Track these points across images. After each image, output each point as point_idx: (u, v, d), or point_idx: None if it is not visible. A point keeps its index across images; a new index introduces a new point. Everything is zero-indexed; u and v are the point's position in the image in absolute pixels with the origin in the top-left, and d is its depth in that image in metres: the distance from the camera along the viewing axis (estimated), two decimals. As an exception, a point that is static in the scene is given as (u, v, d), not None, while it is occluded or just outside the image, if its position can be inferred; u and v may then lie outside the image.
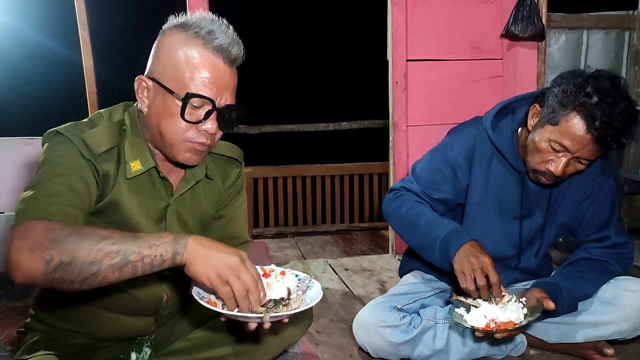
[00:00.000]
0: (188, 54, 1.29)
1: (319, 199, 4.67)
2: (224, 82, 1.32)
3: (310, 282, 1.39)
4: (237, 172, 1.64)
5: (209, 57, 1.29)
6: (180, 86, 1.29)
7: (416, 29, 3.18)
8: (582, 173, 1.90)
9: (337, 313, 2.50)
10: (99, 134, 1.33)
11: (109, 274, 1.12)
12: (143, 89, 1.35)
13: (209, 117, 1.32)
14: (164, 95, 1.31)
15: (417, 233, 1.91)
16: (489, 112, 1.97)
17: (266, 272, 1.40)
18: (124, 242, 1.13)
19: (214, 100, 1.31)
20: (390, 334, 1.91)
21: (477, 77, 3.29)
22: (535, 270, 2.08)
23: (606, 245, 1.97)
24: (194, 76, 1.28)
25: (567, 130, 1.68)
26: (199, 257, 1.17)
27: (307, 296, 1.35)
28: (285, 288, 1.35)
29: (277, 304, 1.28)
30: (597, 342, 1.94)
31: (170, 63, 1.30)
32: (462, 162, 1.95)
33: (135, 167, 1.38)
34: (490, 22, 3.26)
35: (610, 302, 1.90)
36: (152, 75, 1.33)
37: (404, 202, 1.96)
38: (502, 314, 1.72)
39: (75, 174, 1.27)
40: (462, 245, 1.79)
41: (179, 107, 1.29)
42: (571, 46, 3.37)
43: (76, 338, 1.48)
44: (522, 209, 1.96)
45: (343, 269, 3.15)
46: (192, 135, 1.33)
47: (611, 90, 1.64)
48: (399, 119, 3.23)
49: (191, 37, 1.30)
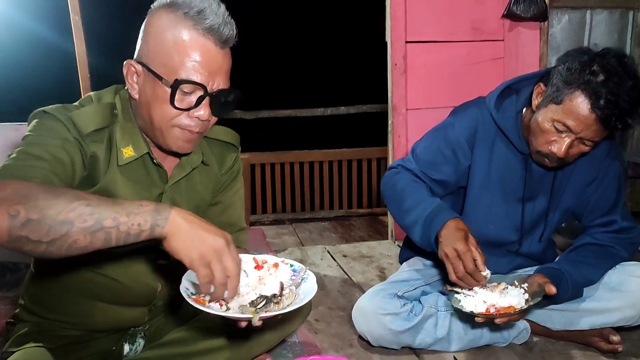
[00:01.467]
0: (177, 36, 1.22)
1: (317, 185, 4.63)
2: (215, 66, 1.25)
3: (306, 273, 1.31)
4: (233, 157, 1.58)
5: (199, 39, 1.22)
6: (169, 72, 1.22)
7: (415, 10, 3.10)
8: (588, 156, 1.85)
9: (336, 301, 2.46)
10: (88, 113, 1.27)
11: (80, 238, 1.02)
12: (132, 74, 1.29)
13: (201, 103, 1.26)
14: (153, 81, 1.25)
15: (404, 211, 1.85)
16: (493, 92, 1.92)
17: (259, 264, 1.32)
18: (100, 206, 1.04)
19: (206, 85, 1.24)
20: (391, 321, 1.87)
21: (478, 59, 3.22)
22: (539, 256, 2.04)
23: (611, 230, 1.93)
24: (184, 60, 1.22)
25: (570, 110, 1.62)
26: (182, 233, 1.08)
27: (300, 290, 1.27)
28: (278, 282, 1.28)
29: (268, 301, 1.21)
30: (602, 329, 1.91)
31: (159, 47, 1.24)
32: (463, 143, 1.90)
33: (128, 154, 1.32)
34: (491, 2, 3.18)
35: (617, 288, 1.87)
36: (141, 60, 1.27)
37: (399, 180, 1.91)
38: (503, 299, 1.69)
39: (61, 147, 1.20)
40: (445, 224, 1.71)
41: (169, 94, 1.23)
42: (574, 26, 3.30)
43: (67, 329, 1.43)
44: (525, 192, 1.91)
45: (342, 256, 3.10)
46: (183, 121, 1.27)
47: (618, 68, 1.59)
48: (398, 102, 3.16)
49: (180, 18, 1.23)
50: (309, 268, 2.88)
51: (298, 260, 3.00)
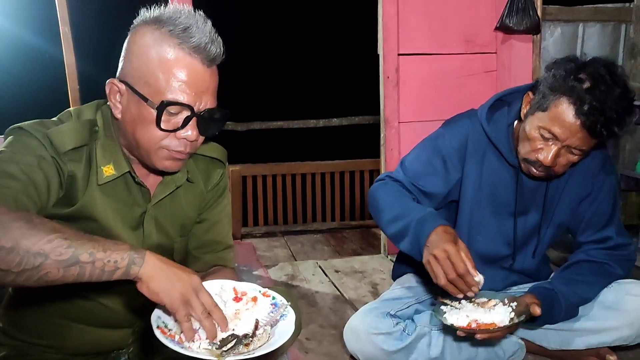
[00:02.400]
0: (162, 55, 1.17)
1: (309, 197, 4.60)
2: (202, 85, 1.20)
3: (286, 310, 1.25)
4: (220, 174, 1.53)
5: (186, 58, 1.18)
6: (154, 93, 1.18)
7: (408, 22, 3.09)
8: (582, 170, 1.84)
9: (328, 318, 2.42)
10: (66, 131, 1.22)
11: (52, 271, 0.98)
12: (115, 93, 1.23)
13: (188, 124, 1.21)
14: (137, 102, 1.20)
15: (391, 220, 1.79)
16: (484, 104, 1.90)
17: (238, 296, 1.27)
18: (78, 240, 1.01)
19: (193, 105, 1.19)
20: (383, 341, 1.83)
21: (470, 71, 3.21)
22: (533, 272, 2.01)
23: (607, 247, 1.90)
24: (170, 81, 1.17)
25: (555, 116, 1.60)
26: (160, 274, 1.06)
27: (277, 330, 1.20)
28: (254, 319, 1.22)
29: (237, 342, 1.15)
30: (599, 349, 1.88)
31: (143, 66, 1.19)
32: (453, 154, 1.87)
33: (108, 172, 1.27)
34: (484, 14, 3.18)
35: (613, 307, 1.83)
36: (125, 79, 1.22)
37: (387, 190, 1.87)
38: (487, 316, 1.66)
39: (37, 166, 1.15)
40: (434, 230, 1.64)
41: (154, 115, 1.18)
42: (567, 39, 3.31)
43: (47, 353, 1.39)
44: (516, 206, 1.88)
45: (334, 271, 3.07)
46: (170, 143, 1.23)
47: (606, 77, 1.57)
48: (391, 115, 3.14)
49: (165, 36, 1.18)
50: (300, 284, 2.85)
51: (289, 276, 2.98)
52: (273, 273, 3.06)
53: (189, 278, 1.08)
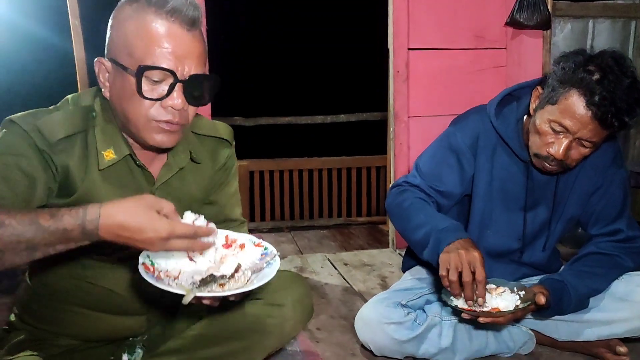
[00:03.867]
0: (140, 23, 1.17)
1: (316, 192, 4.61)
2: (184, 49, 1.18)
3: (274, 259, 1.25)
4: (227, 154, 1.52)
5: (163, 23, 1.16)
6: (135, 61, 1.17)
7: (418, 17, 3.09)
8: (592, 164, 1.84)
9: (338, 309, 2.42)
10: (57, 120, 1.21)
11: None
12: (104, 72, 1.23)
13: (173, 91, 1.19)
14: (121, 74, 1.19)
15: (415, 228, 1.82)
16: (493, 99, 1.91)
17: (228, 243, 1.26)
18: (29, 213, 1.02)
19: (175, 70, 1.17)
20: (395, 331, 1.83)
21: (480, 66, 3.21)
22: (543, 265, 2.01)
23: (617, 240, 1.90)
24: (149, 47, 1.16)
25: (566, 108, 1.61)
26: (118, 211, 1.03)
27: (259, 276, 1.21)
28: (236, 264, 1.21)
29: (212, 281, 1.16)
30: (609, 340, 1.88)
31: (123, 38, 1.18)
32: (466, 150, 1.88)
33: (109, 157, 1.26)
34: (494, 10, 3.18)
35: (624, 298, 1.83)
36: (109, 55, 1.22)
37: (406, 198, 1.88)
38: (492, 301, 1.69)
39: (15, 165, 1.14)
40: (456, 240, 1.69)
41: (134, 83, 1.17)
42: (577, 35, 3.30)
43: (62, 339, 1.40)
44: (526, 200, 1.89)
45: (342, 264, 3.07)
46: (157, 113, 1.20)
47: (615, 68, 1.58)
48: (400, 110, 3.14)
49: (142, 6, 1.18)
50: (310, 276, 2.86)
51: (298, 268, 2.99)
52: (282, 265, 3.04)
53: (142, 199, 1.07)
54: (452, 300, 1.69)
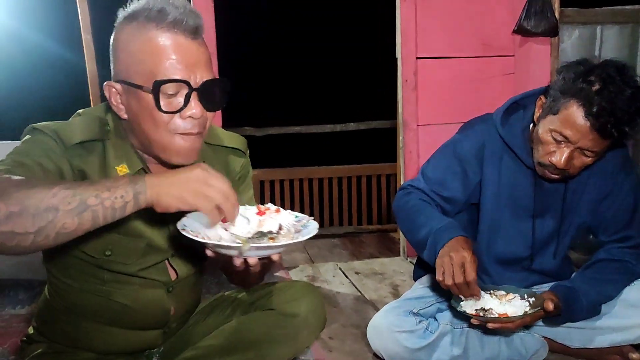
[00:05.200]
0: (144, 40, 1.18)
1: (327, 201, 4.61)
2: (192, 58, 1.20)
3: (308, 222, 1.26)
4: (241, 163, 1.53)
5: (166, 36, 1.17)
6: (147, 78, 1.17)
7: (426, 26, 3.12)
8: (601, 170, 1.85)
9: (350, 318, 2.43)
10: (73, 125, 1.24)
11: (68, 221, 0.99)
12: (114, 95, 1.24)
13: (189, 100, 1.20)
14: (135, 94, 1.20)
15: (416, 229, 1.85)
16: (500, 108, 1.92)
17: (261, 210, 1.28)
18: (80, 187, 1.02)
19: (188, 80, 1.19)
20: (406, 339, 1.85)
21: (488, 74, 3.22)
22: (554, 273, 2.01)
23: (628, 246, 1.90)
24: (158, 62, 1.17)
25: (566, 119, 1.62)
26: (163, 189, 1.06)
27: (299, 234, 1.22)
28: (277, 223, 1.23)
29: (262, 236, 1.18)
30: (621, 347, 1.88)
31: (130, 57, 1.19)
32: (471, 158, 1.89)
33: (122, 172, 1.27)
34: (502, 17, 3.19)
35: (636, 304, 1.84)
36: (118, 78, 1.23)
37: (410, 199, 1.91)
38: (501, 307, 1.71)
39: (46, 155, 1.17)
40: (449, 240, 1.72)
41: (152, 100, 1.18)
42: (584, 42, 3.29)
43: (80, 353, 1.41)
44: (534, 208, 1.89)
45: (354, 273, 3.08)
46: (177, 125, 1.21)
47: (616, 78, 1.59)
48: (409, 118, 3.16)
49: (143, 23, 1.19)
50: (321, 285, 2.86)
51: (310, 277, 3.01)
52: (294, 275, 3.08)
53: (192, 173, 1.09)
54: (461, 306, 1.71)
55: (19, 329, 2.20)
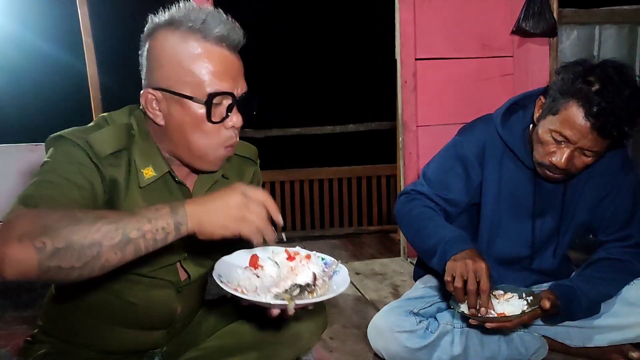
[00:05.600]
0: (192, 52, 1.20)
1: (327, 202, 4.63)
2: (235, 71, 1.25)
3: (337, 267, 1.31)
4: (252, 172, 1.56)
5: (214, 49, 1.21)
6: (196, 89, 1.21)
7: (425, 27, 3.13)
8: (601, 170, 1.86)
9: (350, 318, 2.44)
10: (105, 136, 1.25)
11: (111, 255, 1.02)
12: (151, 101, 1.25)
13: (232, 111, 1.25)
14: (181, 104, 1.22)
15: (424, 237, 1.85)
16: (499, 108, 1.94)
17: (291, 255, 1.31)
18: (122, 220, 1.04)
19: (233, 92, 1.24)
20: (407, 339, 1.85)
21: (487, 75, 3.23)
22: (554, 272, 2.02)
23: (628, 245, 1.91)
24: (207, 74, 1.20)
25: (566, 119, 1.63)
26: (205, 217, 1.09)
27: (333, 282, 1.26)
28: (311, 273, 1.26)
29: (302, 290, 1.20)
30: (621, 346, 1.89)
31: (176, 67, 1.21)
32: (473, 159, 1.90)
33: (149, 174, 1.29)
34: (500, 18, 3.20)
35: (636, 303, 1.84)
36: (159, 85, 1.24)
37: (415, 206, 1.92)
38: (499, 306, 1.71)
39: (79, 172, 1.18)
40: (462, 251, 1.73)
41: (203, 111, 1.22)
42: (583, 42, 3.30)
43: (85, 352, 1.42)
44: (534, 208, 1.90)
45: (354, 273, 3.09)
46: (224, 135, 1.26)
47: (615, 78, 1.60)
48: (409, 119, 3.17)
49: (187, 34, 1.21)
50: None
51: (310, 278, 3.01)
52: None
53: (232, 200, 1.11)
54: (460, 306, 1.72)
55: (21, 331, 2.21)
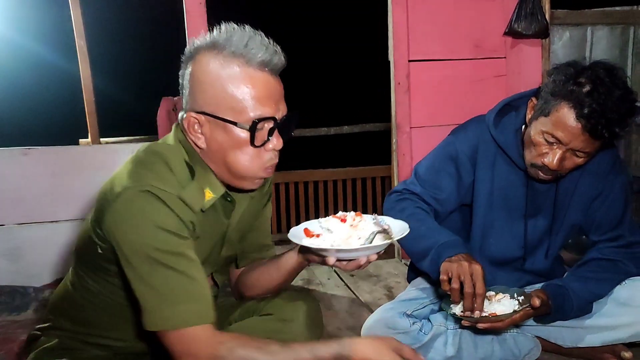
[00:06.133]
0: (234, 77, 1.21)
1: (322, 204, 4.62)
2: (277, 95, 1.26)
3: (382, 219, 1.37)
4: (268, 181, 1.59)
5: (257, 74, 1.22)
6: (239, 114, 1.22)
7: (417, 29, 3.14)
8: (592, 171, 1.86)
9: (345, 321, 2.44)
10: (194, 192, 1.27)
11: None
12: (193, 124, 1.26)
13: (273, 134, 1.26)
14: (224, 128, 1.23)
15: (416, 238, 1.83)
16: (492, 109, 1.94)
17: (343, 218, 1.36)
18: None
19: (276, 116, 1.25)
20: (401, 340, 1.83)
21: (480, 76, 3.25)
22: (546, 272, 2.02)
23: (619, 245, 1.92)
24: (250, 99, 1.21)
25: (557, 121, 1.64)
26: None
27: (393, 227, 1.33)
28: (372, 224, 1.32)
29: (383, 233, 1.28)
30: (614, 346, 1.89)
31: (219, 92, 1.22)
32: (465, 160, 1.91)
33: (208, 197, 1.31)
34: (493, 20, 3.22)
35: (627, 303, 1.85)
36: (202, 109, 1.24)
37: (407, 206, 1.91)
38: (490, 307, 1.72)
39: (185, 245, 1.22)
40: (457, 255, 1.73)
41: (246, 136, 1.23)
42: (575, 43, 3.32)
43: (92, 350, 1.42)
44: (527, 209, 1.91)
45: (349, 275, 3.09)
46: (265, 158, 1.28)
47: (606, 79, 1.60)
48: (402, 121, 3.18)
49: (230, 58, 1.22)
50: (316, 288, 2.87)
51: (305, 280, 3.01)
52: (289, 278, 3.08)
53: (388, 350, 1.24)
54: (452, 308, 1.72)
55: (15, 335, 2.20)
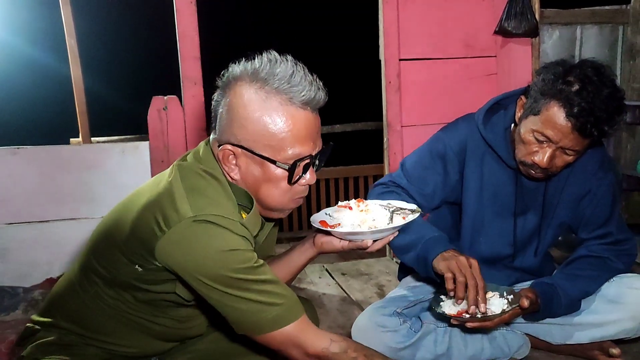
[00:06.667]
0: (275, 115, 1.19)
1: (314, 202, 4.63)
2: (315, 132, 1.25)
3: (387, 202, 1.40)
4: None
5: (298, 113, 1.20)
6: (278, 152, 1.21)
7: (408, 28, 3.14)
8: (581, 169, 1.87)
9: (336, 319, 2.45)
10: (252, 218, 1.28)
11: None
12: (228, 155, 1.25)
13: (308, 170, 1.26)
14: (261, 164, 1.23)
15: (401, 231, 1.83)
16: (481, 108, 1.94)
17: (346, 206, 1.38)
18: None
19: (312, 154, 1.25)
20: (391, 339, 1.86)
21: (471, 75, 3.26)
22: (536, 270, 2.03)
23: (607, 242, 1.93)
24: (289, 138, 1.20)
25: (547, 119, 1.65)
26: None
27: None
28: (380, 208, 1.35)
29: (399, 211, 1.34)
30: (602, 342, 1.91)
31: (259, 129, 1.20)
32: (452, 157, 1.91)
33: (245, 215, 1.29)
34: (483, 19, 3.23)
35: (615, 300, 1.86)
36: (239, 143, 1.22)
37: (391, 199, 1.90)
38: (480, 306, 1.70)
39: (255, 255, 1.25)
40: (446, 251, 1.73)
41: (283, 173, 1.23)
42: (565, 42, 3.34)
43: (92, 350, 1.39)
44: (516, 207, 1.92)
45: (340, 274, 3.10)
46: (297, 192, 1.29)
47: (594, 78, 1.61)
48: (393, 120, 3.19)
49: (272, 94, 1.19)
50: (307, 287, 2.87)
51: (296, 279, 3.01)
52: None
53: None
54: (441, 307, 1.73)
55: (4, 335, 2.19)
